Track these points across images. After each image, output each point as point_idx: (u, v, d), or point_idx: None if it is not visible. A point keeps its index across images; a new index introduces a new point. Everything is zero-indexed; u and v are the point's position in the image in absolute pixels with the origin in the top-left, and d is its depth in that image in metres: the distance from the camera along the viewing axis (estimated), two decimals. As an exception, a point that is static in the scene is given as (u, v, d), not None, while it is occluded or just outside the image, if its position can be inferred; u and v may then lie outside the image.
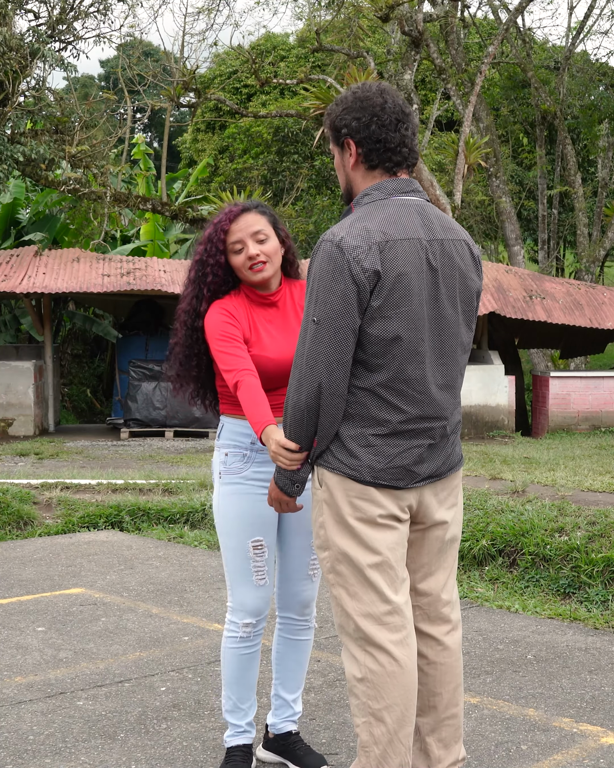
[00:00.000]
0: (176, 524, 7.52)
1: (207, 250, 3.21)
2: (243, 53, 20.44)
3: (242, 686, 3.27)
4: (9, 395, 14.32)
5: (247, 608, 3.20)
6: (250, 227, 3.18)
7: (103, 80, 40.54)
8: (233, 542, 3.19)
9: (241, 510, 3.17)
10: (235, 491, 3.18)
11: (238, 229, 3.18)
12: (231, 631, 3.24)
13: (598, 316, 15.40)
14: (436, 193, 16.18)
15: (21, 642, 4.72)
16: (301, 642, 3.36)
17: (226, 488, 3.20)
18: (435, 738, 2.91)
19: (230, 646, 3.25)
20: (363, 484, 2.73)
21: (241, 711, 3.29)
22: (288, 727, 3.38)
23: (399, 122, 2.78)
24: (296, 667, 3.37)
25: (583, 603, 5.36)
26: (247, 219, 3.19)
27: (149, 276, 14.73)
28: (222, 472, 3.22)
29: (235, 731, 3.30)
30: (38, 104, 15.32)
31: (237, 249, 3.18)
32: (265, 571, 3.20)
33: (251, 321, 3.21)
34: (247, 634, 3.22)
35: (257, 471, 3.18)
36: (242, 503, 3.17)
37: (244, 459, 3.18)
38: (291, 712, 3.39)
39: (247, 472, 3.18)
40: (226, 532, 3.21)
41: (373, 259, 2.65)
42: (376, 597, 2.74)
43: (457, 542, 2.98)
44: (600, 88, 22.76)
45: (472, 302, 2.86)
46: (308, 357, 2.68)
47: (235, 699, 3.27)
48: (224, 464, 3.21)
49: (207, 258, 3.20)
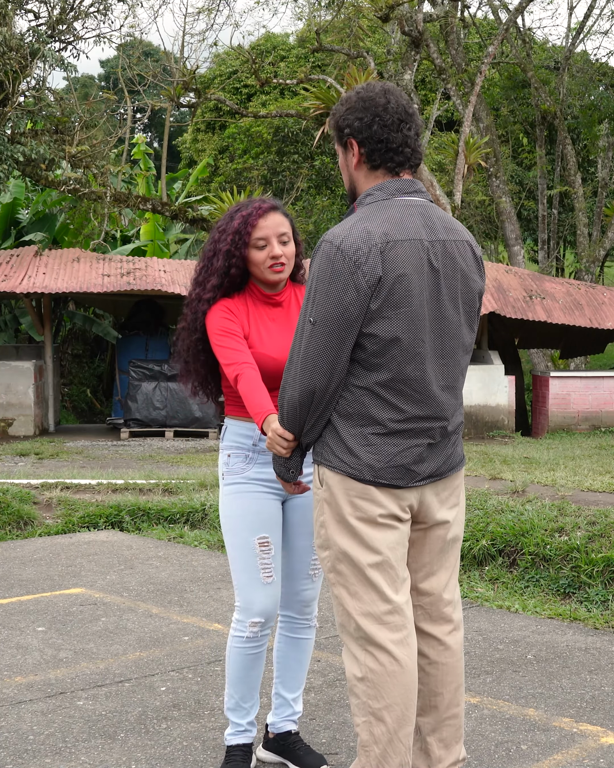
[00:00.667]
0: (176, 524, 7.52)
1: (234, 242, 3.18)
2: (243, 53, 20.44)
3: (245, 685, 3.26)
4: (9, 395, 14.32)
5: (255, 607, 3.19)
6: (278, 227, 3.20)
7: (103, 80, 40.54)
8: (238, 540, 3.19)
9: (243, 508, 3.19)
10: (237, 490, 3.20)
11: (265, 225, 3.18)
12: (238, 630, 3.23)
13: (598, 316, 15.40)
14: (436, 193, 16.18)
15: (21, 642, 4.72)
16: (302, 640, 3.36)
17: (229, 488, 3.22)
18: (435, 738, 2.91)
19: (236, 646, 3.24)
20: (363, 483, 2.73)
21: (243, 710, 3.28)
22: (287, 726, 3.38)
23: (402, 122, 2.78)
24: (297, 666, 3.37)
25: (583, 603, 5.36)
26: (275, 218, 3.20)
27: (149, 276, 14.73)
28: (225, 473, 3.24)
29: (236, 730, 3.29)
30: (38, 104, 15.32)
31: (261, 245, 3.18)
32: (272, 568, 3.20)
33: (253, 319, 3.21)
34: (254, 634, 3.21)
35: (259, 471, 3.20)
36: (244, 501, 3.19)
37: (246, 460, 3.20)
38: (291, 711, 3.39)
39: (249, 473, 3.20)
40: (230, 530, 3.22)
41: (374, 261, 2.65)
42: (377, 596, 2.74)
43: (459, 542, 2.98)
44: (600, 88, 22.76)
45: (474, 303, 2.86)
46: (303, 357, 2.68)
47: (238, 698, 3.27)
48: (227, 465, 3.24)
49: (234, 250, 3.18)
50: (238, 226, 3.19)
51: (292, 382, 2.73)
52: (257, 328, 3.20)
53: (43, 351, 15.61)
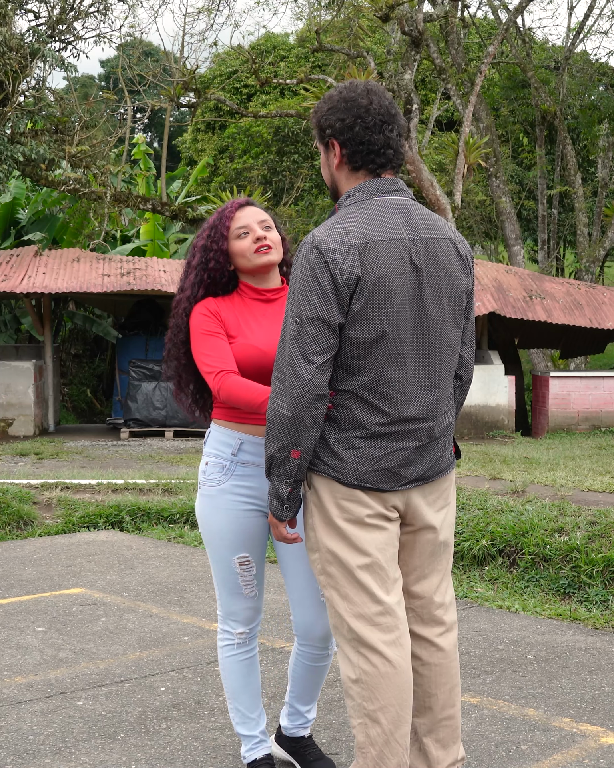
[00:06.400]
0: (176, 524, 7.52)
1: (211, 236, 3.15)
2: (243, 53, 20.44)
3: (248, 694, 3.20)
4: (9, 395, 14.32)
5: (239, 618, 3.15)
6: (257, 215, 3.17)
7: (103, 80, 40.54)
8: (217, 556, 3.10)
9: (221, 527, 3.07)
10: (212, 504, 3.08)
11: (243, 216, 3.15)
12: (226, 640, 3.18)
13: (598, 316, 15.40)
14: (436, 193, 16.17)
15: (21, 642, 4.71)
16: (321, 667, 3.25)
17: (205, 500, 3.11)
18: (432, 739, 2.90)
19: (228, 655, 3.18)
20: (348, 487, 2.72)
21: (252, 721, 3.21)
22: (301, 732, 3.33)
23: (384, 124, 2.76)
24: (313, 686, 3.29)
25: (583, 603, 5.36)
26: (253, 209, 3.19)
27: (149, 276, 14.73)
28: (201, 482, 3.12)
29: (252, 744, 3.21)
30: (38, 104, 15.32)
31: (241, 234, 3.13)
32: (254, 584, 3.14)
33: (242, 314, 3.13)
34: (243, 640, 3.17)
35: (236, 485, 3.06)
36: (222, 519, 3.06)
37: (223, 471, 3.06)
38: (304, 720, 3.33)
39: (225, 485, 3.06)
40: (209, 544, 3.13)
41: (352, 261, 2.64)
42: (367, 598, 2.73)
43: (450, 545, 2.95)
44: (600, 88, 22.76)
45: (460, 301, 2.83)
46: (290, 357, 2.65)
47: (244, 709, 3.20)
48: (204, 474, 3.11)
49: (210, 244, 3.14)
50: (214, 221, 3.17)
51: (281, 388, 2.67)
52: (247, 322, 3.12)
53: (43, 351, 15.61)
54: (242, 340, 3.07)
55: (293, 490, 2.71)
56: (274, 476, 2.72)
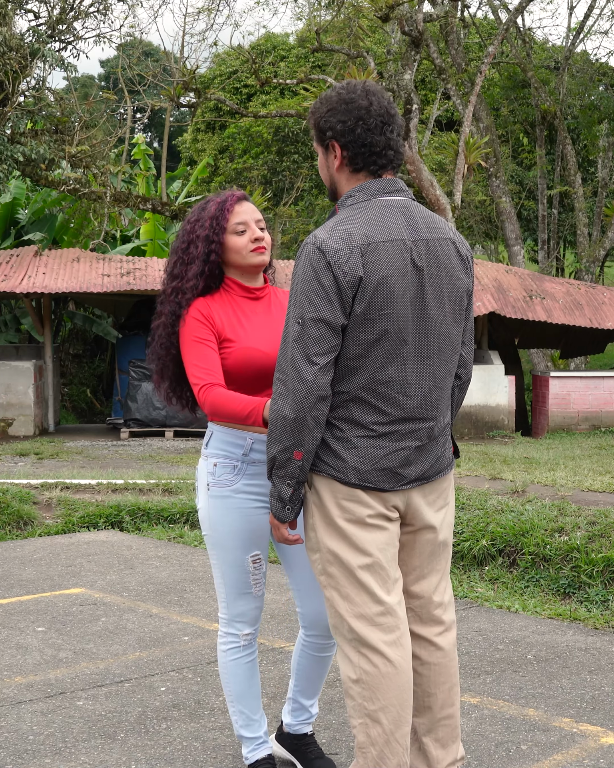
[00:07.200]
0: (176, 524, 7.52)
1: (212, 227, 3.10)
2: (243, 53, 20.45)
3: (250, 696, 3.19)
4: (9, 395, 14.32)
5: (246, 619, 3.14)
6: (254, 213, 3.16)
7: (103, 80, 40.53)
8: (231, 556, 3.08)
9: (234, 526, 3.06)
10: (225, 505, 3.06)
11: (243, 211, 3.13)
12: (231, 643, 3.16)
13: (598, 316, 15.40)
14: (436, 193, 16.17)
15: (21, 642, 4.71)
16: (326, 657, 3.26)
17: (216, 501, 3.07)
18: (431, 738, 2.90)
19: (233, 658, 3.16)
20: (349, 486, 2.72)
21: (255, 722, 3.20)
22: (304, 729, 3.33)
23: (385, 125, 2.76)
24: (317, 678, 3.29)
25: (583, 603, 5.35)
26: (250, 205, 3.17)
27: (149, 276, 14.73)
28: (210, 484, 3.08)
29: (255, 745, 3.20)
30: (38, 104, 15.32)
31: (239, 230, 3.11)
32: (263, 583, 3.14)
33: (235, 314, 3.11)
34: (248, 641, 3.17)
35: (248, 483, 3.06)
36: (235, 519, 3.05)
37: (235, 471, 3.05)
38: (308, 715, 3.33)
39: (238, 485, 3.05)
40: (220, 546, 3.10)
41: (354, 262, 2.63)
42: (368, 598, 2.72)
43: (450, 545, 2.95)
44: (600, 88, 22.75)
45: (461, 301, 2.83)
46: (292, 358, 2.64)
47: (248, 712, 3.18)
48: (213, 475, 3.08)
49: (213, 235, 3.10)
50: (215, 212, 3.12)
51: (283, 390, 2.66)
52: (240, 322, 3.10)
53: (43, 351, 15.61)
54: (242, 344, 3.05)
55: (295, 492, 2.71)
56: (276, 477, 2.72)
